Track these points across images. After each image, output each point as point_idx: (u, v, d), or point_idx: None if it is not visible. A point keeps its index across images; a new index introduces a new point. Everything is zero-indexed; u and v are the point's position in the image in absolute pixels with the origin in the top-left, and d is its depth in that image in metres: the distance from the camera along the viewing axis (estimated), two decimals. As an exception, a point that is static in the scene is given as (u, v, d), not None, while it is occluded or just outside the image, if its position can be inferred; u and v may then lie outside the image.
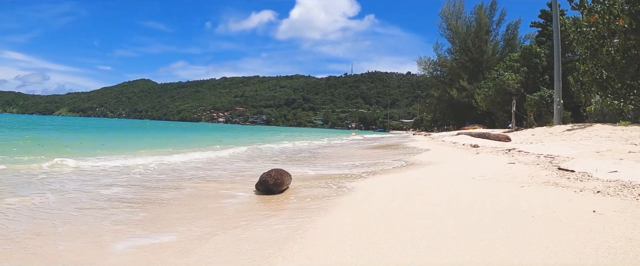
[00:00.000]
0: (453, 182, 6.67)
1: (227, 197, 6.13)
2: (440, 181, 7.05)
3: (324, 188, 6.74)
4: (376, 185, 7.03)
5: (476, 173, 7.26)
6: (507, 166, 8.07)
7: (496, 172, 7.20)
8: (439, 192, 5.78)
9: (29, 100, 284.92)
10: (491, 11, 64.25)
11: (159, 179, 7.82)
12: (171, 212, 4.94)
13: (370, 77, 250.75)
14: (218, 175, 8.82)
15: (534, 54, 40.60)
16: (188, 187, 6.95)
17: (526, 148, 11.91)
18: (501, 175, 6.75)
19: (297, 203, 5.52)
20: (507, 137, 17.97)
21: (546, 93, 33.79)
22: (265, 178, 6.23)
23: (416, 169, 9.70)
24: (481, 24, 63.17)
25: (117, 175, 8.04)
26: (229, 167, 10.80)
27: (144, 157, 11.27)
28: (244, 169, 10.26)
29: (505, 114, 46.68)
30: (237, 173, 9.39)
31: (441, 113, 77.62)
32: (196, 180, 7.87)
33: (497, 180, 6.30)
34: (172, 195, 6.12)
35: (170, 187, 6.93)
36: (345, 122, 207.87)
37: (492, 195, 5.13)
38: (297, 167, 11.02)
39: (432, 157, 13.49)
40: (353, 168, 10.60)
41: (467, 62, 65.03)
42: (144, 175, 8.28)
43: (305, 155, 16.55)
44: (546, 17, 45.22)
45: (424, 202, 5.06)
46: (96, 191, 6.22)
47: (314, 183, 7.41)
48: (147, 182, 7.34)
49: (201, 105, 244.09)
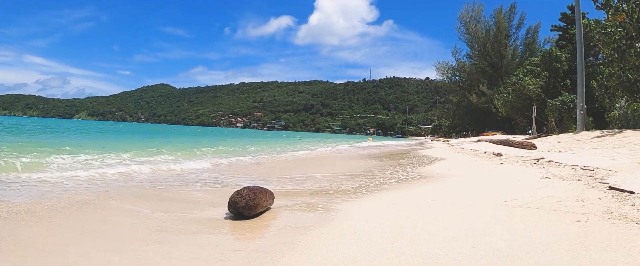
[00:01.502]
0: (478, 207, 4.96)
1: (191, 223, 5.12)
2: (459, 204, 5.34)
3: (308, 212, 5.64)
4: (371, 209, 5.62)
5: (507, 194, 5.70)
6: (542, 182, 6.53)
7: (532, 192, 5.65)
8: (459, 226, 4.10)
9: (49, 103, 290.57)
10: (510, 15, 62.89)
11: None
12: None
13: (389, 83, 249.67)
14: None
15: (555, 58, 39.41)
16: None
17: (556, 157, 10.59)
18: (540, 198, 5.19)
19: (256, 241, 4.36)
20: (532, 145, 16.66)
21: (568, 98, 32.69)
22: (235, 198, 5.21)
23: (428, 184, 8.34)
24: (500, 28, 61.79)
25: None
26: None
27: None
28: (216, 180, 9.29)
29: (525, 120, 45.62)
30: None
31: (460, 119, 76.37)
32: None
33: (537, 206, 4.67)
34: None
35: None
36: (363, 128, 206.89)
37: (543, 241, 3.29)
38: (292, 178, 9.98)
39: (448, 168, 12.08)
40: (351, 179, 9.65)
41: (486, 67, 63.78)
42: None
43: (304, 163, 15.78)
44: (567, 20, 44.01)
45: (438, 246, 3.39)
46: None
47: (302, 202, 6.43)
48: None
49: (219, 110, 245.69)
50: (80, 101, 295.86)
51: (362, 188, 7.98)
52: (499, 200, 5.24)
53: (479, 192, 6.41)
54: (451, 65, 71.64)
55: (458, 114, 75.05)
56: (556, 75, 39.59)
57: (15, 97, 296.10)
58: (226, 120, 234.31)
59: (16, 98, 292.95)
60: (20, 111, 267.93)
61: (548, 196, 5.19)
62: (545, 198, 5.11)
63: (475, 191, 6.65)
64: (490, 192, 6.23)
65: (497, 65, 62.58)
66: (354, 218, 4.99)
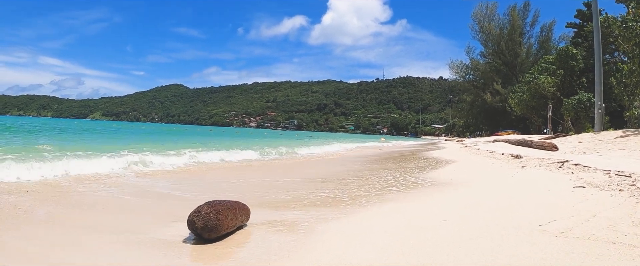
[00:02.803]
0: (507, 237, 3.62)
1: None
2: (481, 230, 4.00)
3: (287, 234, 4.63)
4: (365, 231, 4.58)
5: (539, 212, 4.50)
6: (578, 193, 5.40)
7: (571, 209, 4.47)
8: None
9: (64, 104, 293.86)
10: (524, 12, 61.99)
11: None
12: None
13: (402, 82, 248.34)
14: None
15: (571, 56, 38.48)
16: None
17: (582, 160, 9.70)
18: (584, 219, 3.99)
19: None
20: (553, 146, 15.76)
21: (584, 97, 31.83)
22: (193, 217, 4.27)
23: (439, 193, 7.09)
24: (514, 26, 60.96)
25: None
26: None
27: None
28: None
29: (540, 119, 44.82)
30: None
31: (474, 118, 75.60)
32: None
33: (588, 236, 3.43)
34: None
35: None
36: (376, 128, 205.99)
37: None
38: (284, 186, 8.92)
39: (463, 172, 10.78)
40: (350, 186, 8.69)
41: (500, 66, 62.98)
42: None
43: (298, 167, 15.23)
44: (583, 17, 43.03)
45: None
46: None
47: (285, 217, 5.48)
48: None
49: (233, 110, 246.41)
50: (94, 101, 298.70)
51: (360, 198, 7.01)
52: (532, 221, 4.06)
53: (503, 207, 5.13)
54: (465, 64, 71.15)
55: (472, 113, 74.38)
56: (572, 73, 38.67)
57: (30, 97, 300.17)
58: (239, 120, 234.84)
59: (31, 98, 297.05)
60: (35, 111, 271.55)
61: (593, 216, 4.09)
62: (590, 219, 3.96)
63: (499, 204, 5.39)
64: (517, 206, 5.08)
65: (512, 64, 61.72)
66: (339, 247, 3.94)
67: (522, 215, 4.48)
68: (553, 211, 4.46)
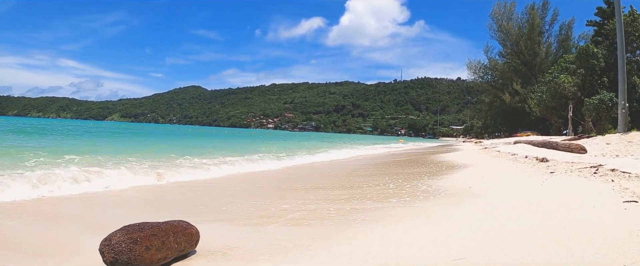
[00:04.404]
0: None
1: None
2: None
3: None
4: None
5: (593, 243, 3.37)
6: (630, 211, 4.44)
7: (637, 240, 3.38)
8: None
9: (83, 106, 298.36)
10: (543, 11, 60.86)
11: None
12: None
13: (420, 83, 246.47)
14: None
15: (591, 55, 37.34)
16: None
17: (616, 164, 8.77)
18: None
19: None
20: (581, 148, 14.64)
21: (606, 97, 30.84)
22: (103, 248, 3.18)
23: (451, 207, 5.79)
24: (534, 25, 59.81)
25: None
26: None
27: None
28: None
29: (560, 120, 43.79)
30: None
31: (492, 119, 74.67)
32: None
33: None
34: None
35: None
36: (394, 129, 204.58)
37: None
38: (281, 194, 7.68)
39: (481, 178, 9.42)
40: (340, 195, 7.50)
41: (519, 65, 61.89)
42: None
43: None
44: (603, 14, 41.78)
45: None
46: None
47: (244, 245, 4.07)
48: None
49: (251, 111, 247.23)
50: (113, 103, 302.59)
51: (346, 215, 5.57)
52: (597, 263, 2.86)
53: (540, 234, 3.79)
54: (483, 64, 70.40)
55: (490, 114, 73.56)
56: (592, 72, 37.55)
57: (50, 99, 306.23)
58: (257, 121, 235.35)
59: (50, 100, 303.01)
60: (54, 113, 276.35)
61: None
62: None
63: (533, 229, 4.04)
64: (558, 233, 3.75)
65: (531, 63, 60.59)
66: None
67: (572, 249, 3.27)
68: (614, 242, 3.33)
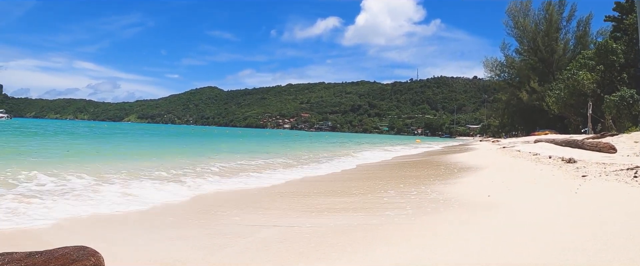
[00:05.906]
0: None
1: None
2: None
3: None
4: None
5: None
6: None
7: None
8: None
9: (100, 107, 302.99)
10: (560, 7, 59.22)
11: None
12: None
13: (436, 82, 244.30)
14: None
15: (611, 51, 36.41)
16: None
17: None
18: None
19: None
20: (610, 147, 13.40)
21: (627, 94, 30.00)
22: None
23: (461, 227, 4.67)
24: (551, 21, 58.51)
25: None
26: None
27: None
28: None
29: (579, 118, 42.86)
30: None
31: (509, 118, 73.50)
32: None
33: None
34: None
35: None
36: (410, 128, 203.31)
37: None
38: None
39: (502, 184, 8.11)
40: (333, 206, 6.55)
41: (536, 63, 60.57)
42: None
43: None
44: (622, 9, 40.75)
45: None
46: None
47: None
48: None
49: (267, 111, 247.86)
50: (129, 104, 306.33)
51: (330, 240, 4.27)
52: None
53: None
54: (500, 62, 69.03)
55: (507, 113, 72.47)
56: (612, 69, 36.60)
57: (67, 101, 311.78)
58: (273, 121, 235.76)
59: (68, 102, 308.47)
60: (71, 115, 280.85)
61: None
62: None
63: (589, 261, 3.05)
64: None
65: (548, 61, 59.27)
66: None
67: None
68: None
